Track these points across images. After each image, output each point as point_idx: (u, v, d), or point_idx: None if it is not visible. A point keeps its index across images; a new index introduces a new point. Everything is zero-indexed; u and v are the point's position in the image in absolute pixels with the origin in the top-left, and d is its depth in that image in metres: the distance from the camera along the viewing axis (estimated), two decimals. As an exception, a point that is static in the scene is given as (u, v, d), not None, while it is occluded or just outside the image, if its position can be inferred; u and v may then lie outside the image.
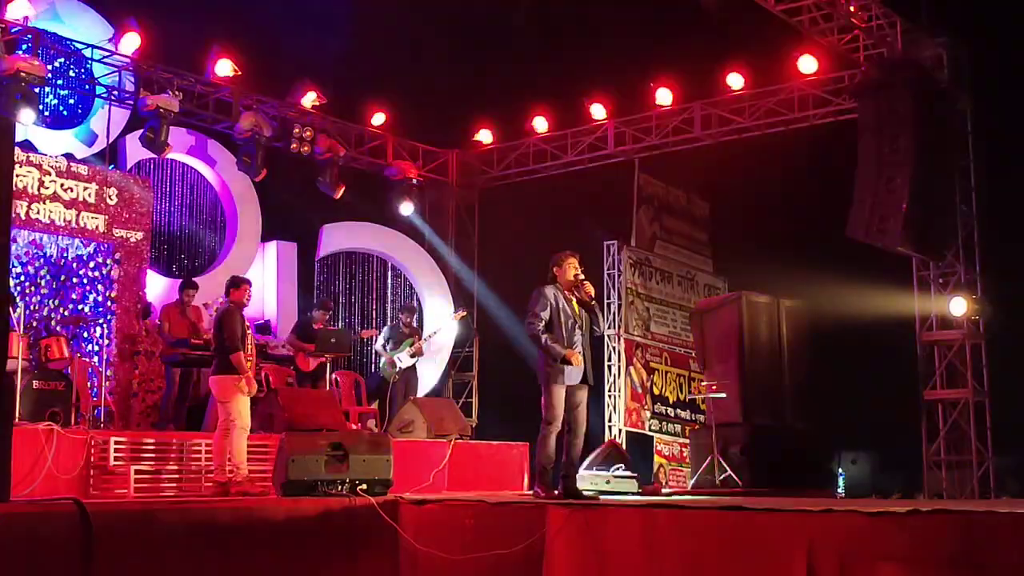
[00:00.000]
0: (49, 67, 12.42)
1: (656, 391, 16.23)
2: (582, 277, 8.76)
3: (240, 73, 13.74)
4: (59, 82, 12.99)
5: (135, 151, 13.49)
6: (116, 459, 9.17)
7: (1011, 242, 12.93)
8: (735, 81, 14.40)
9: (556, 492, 8.55)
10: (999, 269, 12.97)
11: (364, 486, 8.68)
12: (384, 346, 13.86)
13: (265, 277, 14.83)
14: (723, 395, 12.45)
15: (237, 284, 9.51)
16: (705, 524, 7.14)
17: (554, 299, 8.62)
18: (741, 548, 6.82)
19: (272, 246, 15.02)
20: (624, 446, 14.50)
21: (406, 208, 15.82)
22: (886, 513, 6.34)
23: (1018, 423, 12.77)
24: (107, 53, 13.00)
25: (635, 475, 10.80)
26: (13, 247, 12.06)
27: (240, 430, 9.07)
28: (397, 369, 13.74)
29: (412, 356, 13.85)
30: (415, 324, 14.51)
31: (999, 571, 5.92)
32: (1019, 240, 12.87)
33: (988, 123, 13.05)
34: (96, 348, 12.18)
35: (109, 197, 12.43)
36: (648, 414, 15.95)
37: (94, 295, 12.50)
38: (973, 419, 12.71)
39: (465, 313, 15.36)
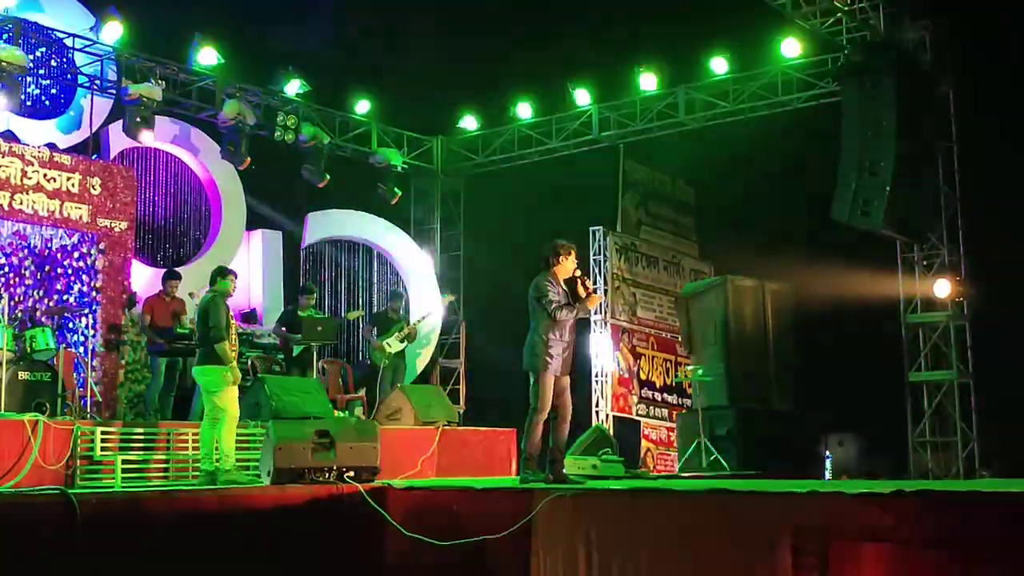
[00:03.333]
0: (31, 57, 12.37)
1: (643, 376, 16.27)
2: (578, 272, 8.94)
3: (223, 61, 13.71)
4: (41, 72, 12.92)
5: (118, 140, 13.45)
6: (103, 449, 9.14)
7: (994, 223, 12.98)
8: (718, 65, 14.40)
9: (548, 477, 8.61)
10: (983, 251, 13.02)
11: (351, 473, 8.70)
12: (372, 332, 13.84)
13: (251, 266, 14.81)
14: (709, 378, 12.50)
15: (223, 274, 9.47)
16: (691, 507, 7.17)
17: (560, 288, 8.77)
18: (727, 530, 6.85)
19: (257, 235, 14.99)
20: (612, 431, 14.54)
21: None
22: (870, 494, 6.38)
23: (1002, 403, 12.84)
24: (89, 42, 12.95)
25: (622, 459, 10.82)
26: (-4, 238, 12.05)
27: (229, 419, 9.06)
28: (387, 354, 13.73)
29: (402, 341, 13.83)
30: (402, 311, 14.50)
31: (981, 549, 5.96)
32: (1002, 221, 12.92)
33: (971, 105, 13.08)
34: (82, 338, 12.14)
35: (93, 187, 12.37)
36: (635, 399, 15.99)
37: (79, 285, 12.46)
38: (958, 400, 12.77)
39: (453, 297, 15.36)
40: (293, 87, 14.57)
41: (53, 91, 13.32)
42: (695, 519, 7.03)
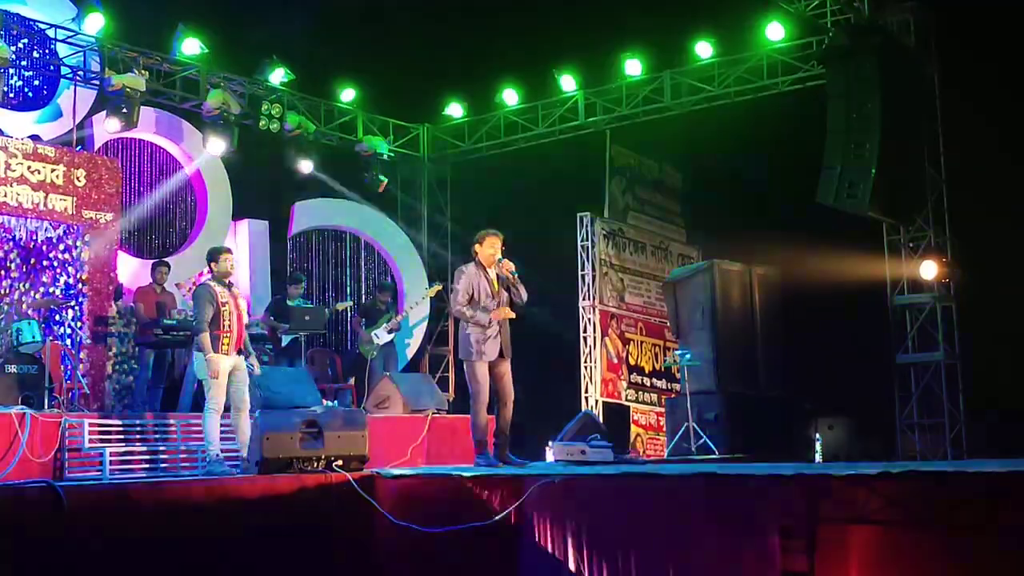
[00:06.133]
0: (13, 48, 12.31)
1: (632, 361, 16.27)
2: (499, 256, 9.24)
3: (207, 51, 13.66)
4: (23, 63, 12.86)
5: (102, 131, 13.40)
6: (91, 441, 9.14)
7: (980, 205, 13.00)
8: (703, 49, 14.39)
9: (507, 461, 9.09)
10: (968, 232, 13.05)
11: (340, 462, 8.71)
12: (360, 324, 13.87)
13: (237, 256, 14.66)
14: (697, 362, 12.53)
15: (214, 256, 9.44)
16: (680, 491, 7.19)
17: (475, 277, 9.20)
18: (716, 514, 6.88)
19: (244, 225, 14.95)
20: (601, 417, 14.56)
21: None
22: (857, 476, 6.40)
23: (989, 384, 12.87)
24: (71, 33, 12.88)
25: (610, 444, 10.84)
26: (-19, 231, 12.00)
27: (211, 411, 9.06)
28: (375, 346, 13.75)
29: (389, 332, 13.86)
30: (390, 301, 14.52)
31: (969, 530, 5.99)
32: (988, 203, 12.94)
33: (955, 87, 13.08)
34: (68, 331, 12.12)
35: (77, 179, 12.33)
36: (624, 384, 16.00)
37: (65, 277, 12.42)
38: (945, 381, 12.80)
39: (440, 287, 15.37)
40: (277, 76, 14.52)
41: (36, 83, 13.26)
42: (684, 503, 7.06)
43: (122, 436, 9.44)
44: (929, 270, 12.87)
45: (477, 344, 9.12)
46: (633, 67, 14.97)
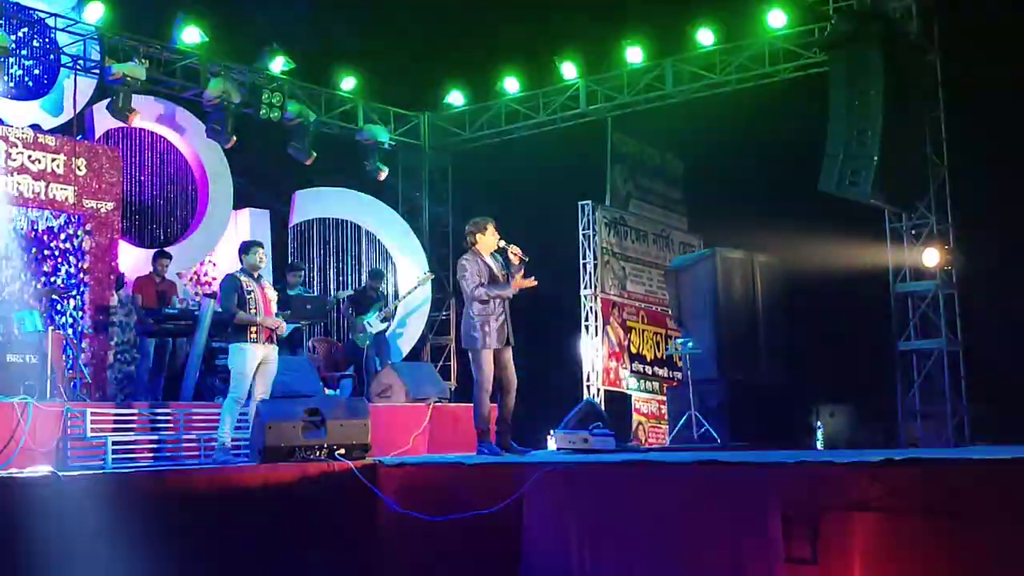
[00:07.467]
0: (13, 37, 12.29)
1: (633, 349, 16.27)
2: (504, 243, 9.27)
3: (207, 39, 13.63)
4: (23, 52, 12.82)
5: (103, 120, 13.39)
6: (93, 430, 9.15)
7: (982, 192, 12.96)
8: (705, 37, 14.35)
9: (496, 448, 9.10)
10: (971, 219, 13.01)
11: (342, 451, 8.72)
12: (350, 312, 13.85)
13: (238, 245, 14.74)
14: (699, 350, 12.53)
15: (245, 249, 9.64)
16: (682, 479, 7.20)
17: (480, 264, 9.22)
18: (718, 502, 6.88)
19: (244, 214, 14.94)
20: (603, 405, 14.57)
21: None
22: (859, 464, 6.41)
23: (991, 372, 12.85)
24: (71, 22, 12.86)
25: (612, 433, 10.84)
26: (-19, 220, 11.98)
27: (231, 400, 9.11)
28: (368, 334, 13.73)
29: (382, 321, 13.84)
30: (383, 289, 14.51)
31: (971, 517, 5.99)
32: (990, 189, 12.90)
33: (958, 73, 13.04)
34: (70, 320, 12.11)
35: (78, 168, 12.29)
36: (626, 372, 16.00)
37: (66, 267, 12.41)
38: (947, 369, 12.78)
39: (432, 276, 15.36)
40: (278, 64, 14.49)
41: (36, 72, 13.22)
42: (686, 491, 7.06)
43: (124, 425, 9.44)
44: (931, 257, 12.83)
45: (483, 332, 9.10)
46: (634, 55, 14.92)
